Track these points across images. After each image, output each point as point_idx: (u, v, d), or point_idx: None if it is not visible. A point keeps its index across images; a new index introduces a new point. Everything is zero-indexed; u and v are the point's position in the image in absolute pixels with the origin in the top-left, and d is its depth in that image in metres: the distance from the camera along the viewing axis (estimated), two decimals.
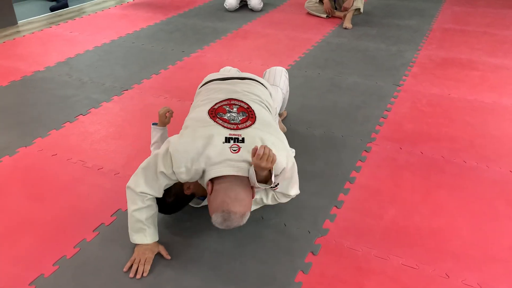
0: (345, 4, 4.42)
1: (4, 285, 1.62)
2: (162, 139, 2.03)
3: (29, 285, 1.62)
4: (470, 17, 4.81)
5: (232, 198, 1.53)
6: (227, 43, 4.03)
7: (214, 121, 1.69)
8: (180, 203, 1.85)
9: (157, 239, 1.76)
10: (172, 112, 2.09)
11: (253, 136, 1.64)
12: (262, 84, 2.03)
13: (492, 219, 1.94)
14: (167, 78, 3.31)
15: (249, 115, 1.74)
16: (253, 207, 1.89)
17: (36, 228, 1.88)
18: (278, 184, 1.71)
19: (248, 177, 1.59)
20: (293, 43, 4.03)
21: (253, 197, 1.63)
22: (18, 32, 4.36)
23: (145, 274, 1.66)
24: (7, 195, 2.09)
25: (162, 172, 1.64)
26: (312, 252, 1.76)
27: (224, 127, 1.66)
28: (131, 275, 1.66)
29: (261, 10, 5.02)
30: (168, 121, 2.09)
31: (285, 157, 1.67)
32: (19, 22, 4.62)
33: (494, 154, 2.39)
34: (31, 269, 1.68)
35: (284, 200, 1.88)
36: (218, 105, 1.78)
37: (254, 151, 1.55)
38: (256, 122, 1.72)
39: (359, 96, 3.02)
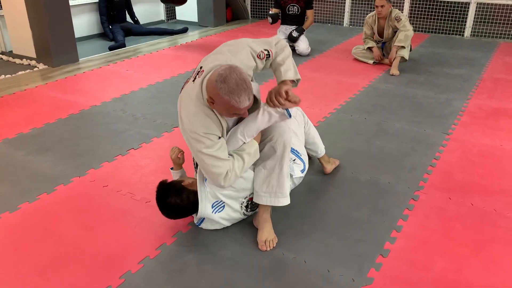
0: (390, 56, 4.50)
1: None
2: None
3: None
4: None
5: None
6: (274, 85, 4.11)
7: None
8: (186, 210, 1.99)
9: None
10: (183, 152, 2.18)
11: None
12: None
13: None
14: None
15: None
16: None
17: (85, 257, 1.94)
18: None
19: None
20: (339, 87, 4.07)
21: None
22: (79, 68, 4.66)
23: None
24: (60, 223, 2.18)
25: (206, 141, 1.77)
26: None
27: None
28: None
29: (308, 55, 5.13)
30: (182, 161, 2.19)
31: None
32: (80, 59, 4.95)
33: None
34: None
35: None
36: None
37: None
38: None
39: (406, 143, 2.98)
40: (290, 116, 1.89)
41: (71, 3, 5.27)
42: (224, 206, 2.01)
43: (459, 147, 2.94)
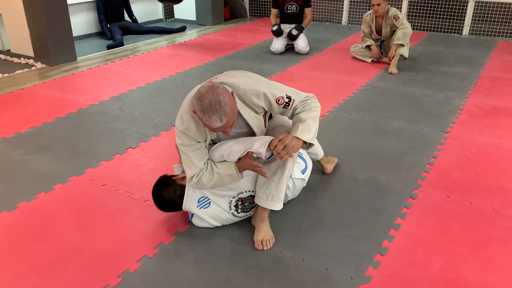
0: (389, 54, 4.49)
1: None
2: None
3: None
4: None
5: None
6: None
7: None
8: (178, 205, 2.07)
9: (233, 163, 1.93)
10: None
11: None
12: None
13: None
14: None
15: None
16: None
17: (83, 256, 1.94)
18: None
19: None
20: (338, 86, 4.07)
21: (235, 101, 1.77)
22: (77, 67, 4.65)
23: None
24: (58, 222, 2.17)
25: (183, 138, 1.85)
26: None
27: None
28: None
29: (306, 54, 5.13)
30: None
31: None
32: (78, 58, 4.94)
33: None
34: None
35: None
36: None
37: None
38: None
39: (404, 142, 2.98)
40: (269, 158, 1.89)
41: (68, 1, 5.25)
42: (210, 203, 2.03)
43: (457, 145, 2.94)
